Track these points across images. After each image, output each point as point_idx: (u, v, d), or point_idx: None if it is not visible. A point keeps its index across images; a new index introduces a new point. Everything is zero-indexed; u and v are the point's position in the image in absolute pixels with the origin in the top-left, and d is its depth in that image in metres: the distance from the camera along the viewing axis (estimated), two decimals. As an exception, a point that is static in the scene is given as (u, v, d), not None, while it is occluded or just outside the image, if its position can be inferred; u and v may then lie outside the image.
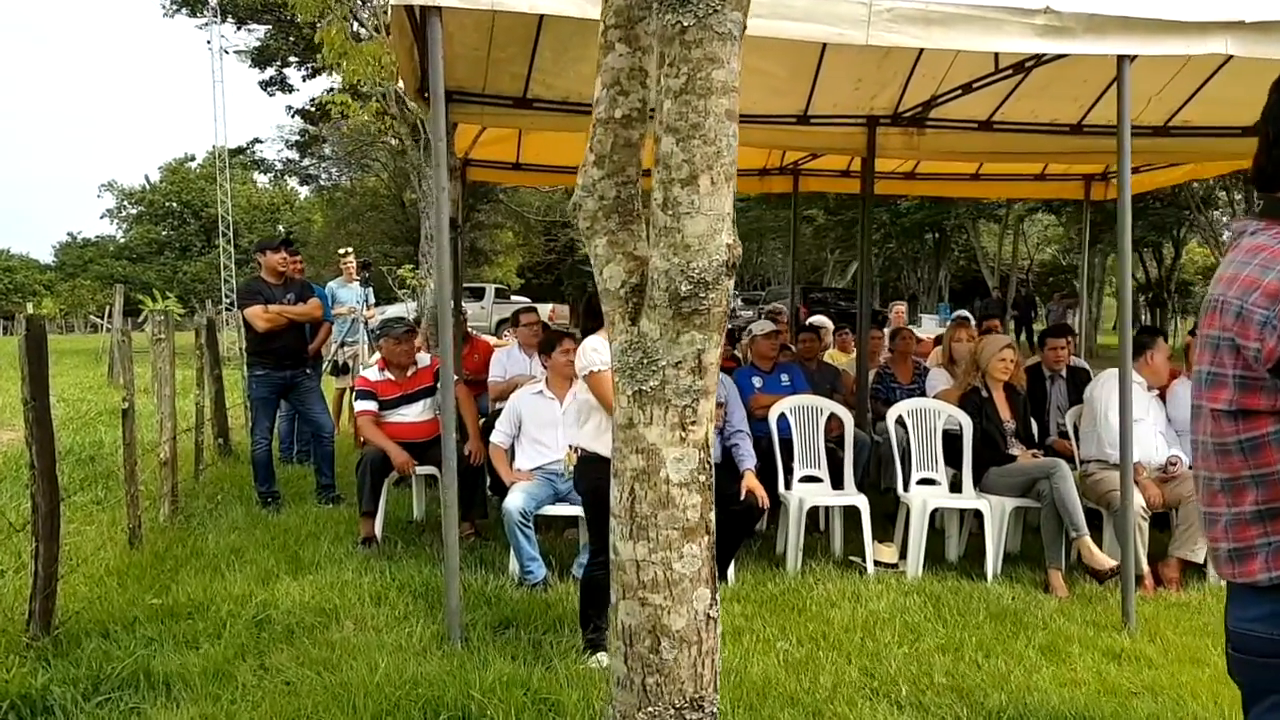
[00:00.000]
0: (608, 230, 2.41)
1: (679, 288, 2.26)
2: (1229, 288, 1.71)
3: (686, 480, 2.35)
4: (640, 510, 2.36)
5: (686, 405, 2.34)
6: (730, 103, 2.22)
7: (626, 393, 2.38)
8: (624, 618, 2.42)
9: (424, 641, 4.41)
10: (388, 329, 6.53)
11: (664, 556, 2.33)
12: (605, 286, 2.45)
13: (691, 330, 2.30)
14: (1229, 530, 1.74)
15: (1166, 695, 4.01)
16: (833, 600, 5.19)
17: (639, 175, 2.48)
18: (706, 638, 2.38)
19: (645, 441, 2.36)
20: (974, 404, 6.12)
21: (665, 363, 2.33)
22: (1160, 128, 7.53)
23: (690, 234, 2.24)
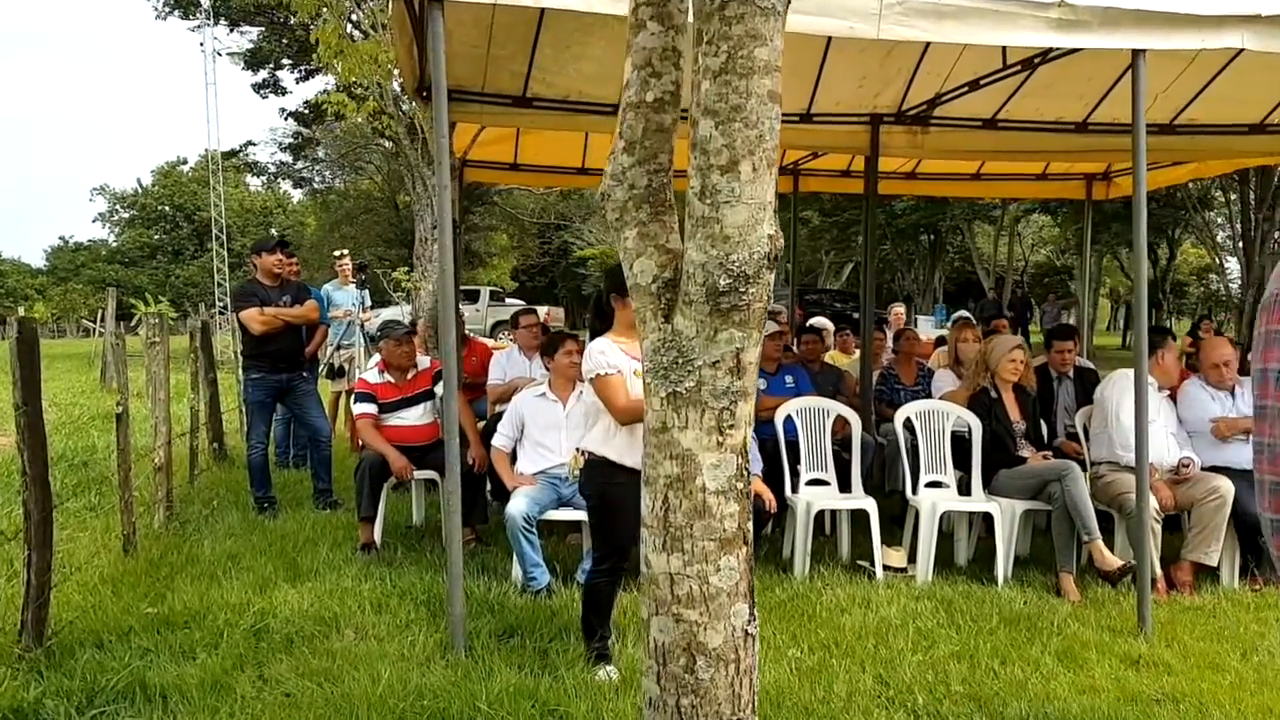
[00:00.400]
0: (638, 221, 2.28)
1: (717, 282, 2.13)
2: None
3: (724, 488, 2.22)
4: (674, 520, 2.23)
5: (724, 408, 2.21)
6: (773, 83, 2.10)
7: (660, 395, 2.25)
8: (656, 635, 2.29)
9: (427, 651, 4.30)
10: (388, 330, 6.43)
11: (700, 569, 2.20)
12: (635, 282, 2.32)
13: (730, 328, 2.18)
14: None
15: (1188, 702, 3.92)
16: (843, 606, 5.09)
17: (671, 163, 2.36)
18: (745, 656, 2.25)
19: (680, 447, 2.23)
20: (983, 405, 6.03)
21: (701, 362, 2.20)
22: (1166, 125, 7.46)
23: (730, 224, 2.12)
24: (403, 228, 35.15)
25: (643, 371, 2.33)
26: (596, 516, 4.11)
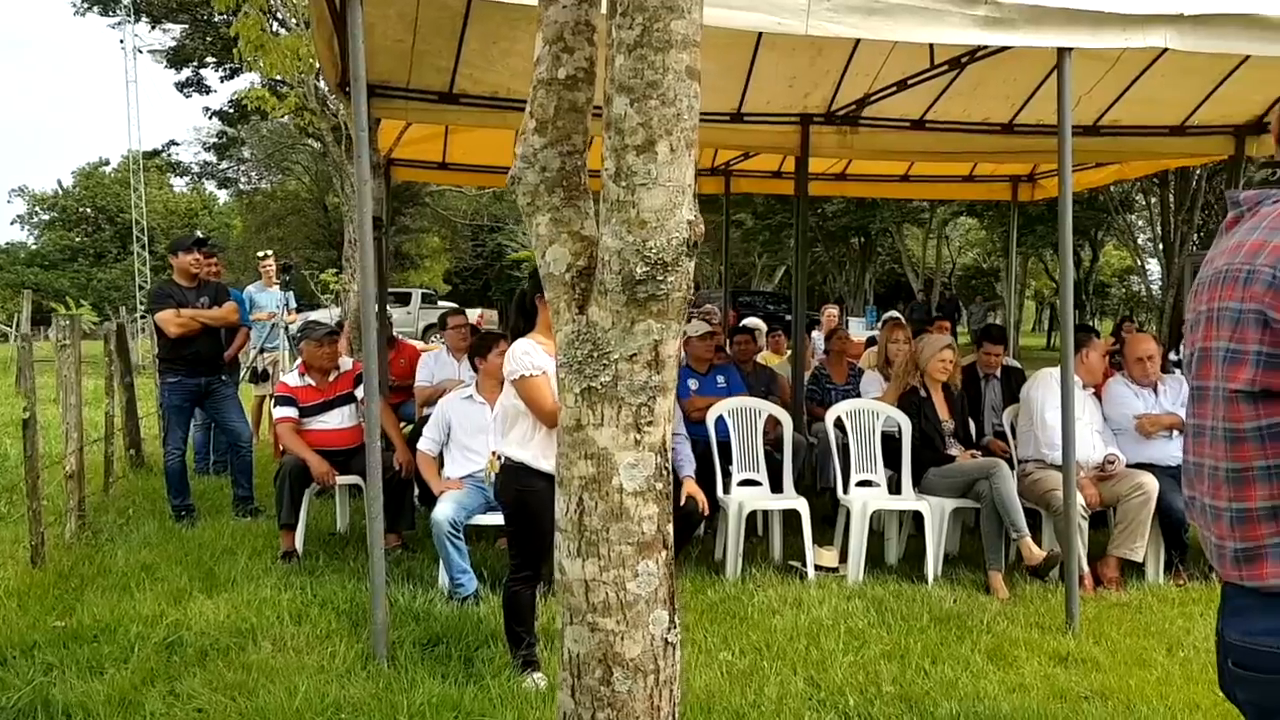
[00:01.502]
0: (551, 206, 2.15)
1: (634, 270, 2.01)
2: (1256, 256, 1.54)
3: (642, 488, 2.11)
4: (589, 524, 2.10)
5: (642, 404, 2.09)
6: (691, 59, 1.98)
7: (574, 391, 2.13)
8: (571, 645, 2.15)
9: (348, 662, 4.16)
10: (308, 331, 6.25)
11: (616, 575, 2.07)
12: (549, 271, 2.19)
13: (648, 318, 2.06)
14: (1235, 528, 1.58)
15: (1116, 699, 3.93)
16: (774, 607, 5.05)
17: (586, 144, 2.23)
18: (665, 665, 2.13)
19: (595, 445, 2.11)
20: (913, 404, 6.04)
21: (618, 356, 2.08)
22: (1090, 127, 7.56)
23: (646, 208, 2.00)
24: (331, 229, 34.63)
25: (557, 366, 2.20)
26: (513, 522, 4.00)
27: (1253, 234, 1.57)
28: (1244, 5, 4.50)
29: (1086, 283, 35.04)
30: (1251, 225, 1.60)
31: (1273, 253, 1.51)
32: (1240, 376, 1.54)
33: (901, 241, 36.96)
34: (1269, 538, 1.54)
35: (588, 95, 2.16)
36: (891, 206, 30.47)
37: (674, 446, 5.42)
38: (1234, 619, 1.61)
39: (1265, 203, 1.61)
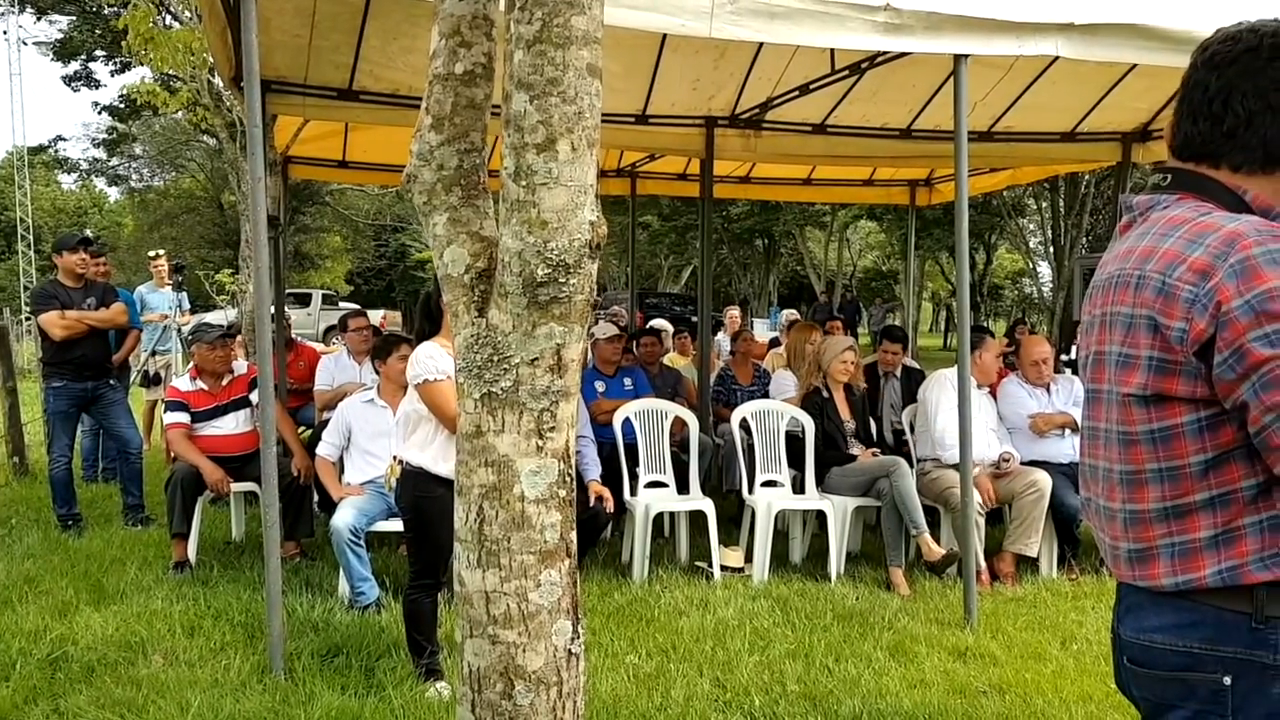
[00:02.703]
0: (448, 206, 2.07)
1: (534, 272, 1.95)
2: (1146, 261, 1.57)
3: (544, 496, 2.05)
4: (490, 533, 2.03)
5: (544, 409, 2.03)
6: (593, 56, 1.94)
7: (473, 396, 2.05)
8: (471, 659, 2.08)
9: (242, 675, 4.03)
10: (200, 334, 6.04)
11: (518, 586, 2.01)
12: (446, 272, 2.11)
13: (549, 321, 2.00)
14: (1129, 529, 1.61)
15: (1013, 693, 4.02)
16: (681, 609, 5.05)
17: (484, 142, 2.16)
18: (568, 677, 2.08)
19: (495, 453, 2.04)
20: (815, 405, 6.11)
21: (519, 360, 2.01)
22: (985, 133, 7.76)
23: (547, 208, 1.94)
24: (227, 228, 33.69)
25: (455, 371, 2.13)
26: (412, 529, 3.92)
27: (1144, 240, 1.60)
28: (1130, 16, 4.65)
29: (981, 285, 36.02)
30: (1143, 231, 1.63)
31: (1162, 259, 1.54)
32: (1132, 381, 1.57)
33: (804, 244, 37.51)
34: (1161, 539, 1.57)
35: (486, 92, 2.09)
36: (794, 209, 30.89)
37: (579, 450, 5.42)
38: (1128, 617, 1.64)
39: (1156, 208, 1.64)
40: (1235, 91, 1.58)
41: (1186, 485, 1.53)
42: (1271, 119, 1.57)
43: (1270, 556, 1.48)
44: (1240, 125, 1.58)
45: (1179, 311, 1.49)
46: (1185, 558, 1.54)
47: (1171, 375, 1.52)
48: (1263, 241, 1.45)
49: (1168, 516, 1.56)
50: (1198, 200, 1.60)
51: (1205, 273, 1.47)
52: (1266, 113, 1.56)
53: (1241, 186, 1.59)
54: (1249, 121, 1.58)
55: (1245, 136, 1.58)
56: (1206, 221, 1.53)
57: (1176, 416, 1.53)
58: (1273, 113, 1.56)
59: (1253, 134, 1.58)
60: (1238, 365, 1.43)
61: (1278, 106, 1.56)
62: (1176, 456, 1.54)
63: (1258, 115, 1.57)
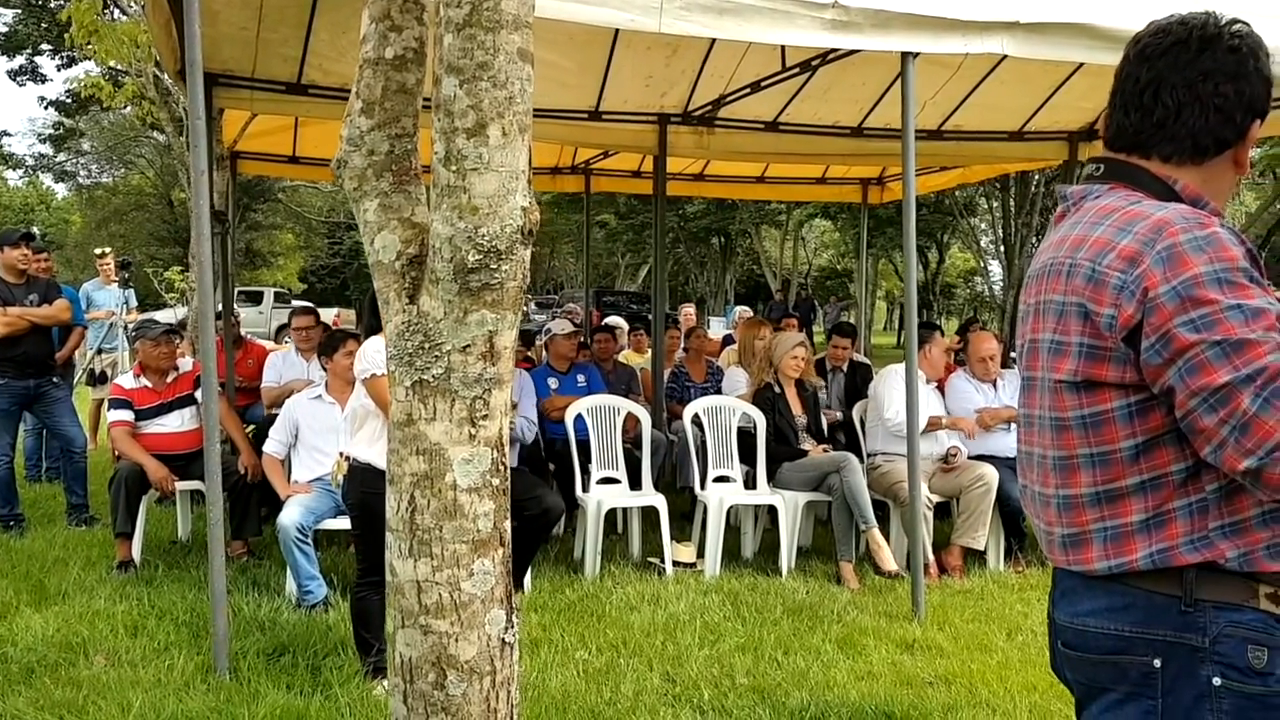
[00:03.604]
0: (379, 192, 2.04)
1: (466, 258, 1.92)
2: (1077, 250, 1.59)
3: (477, 485, 2.01)
4: (421, 522, 2.00)
5: (476, 397, 2.00)
6: (523, 40, 1.92)
7: (405, 384, 2.02)
8: (403, 649, 2.05)
9: (186, 675, 3.97)
10: (144, 330, 5.94)
11: (450, 575, 1.98)
12: (377, 259, 2.08)
13: (481, 308, 1.97)
14: (1063, 514, 1.63)
15: (959, 683, 4.07)
16: (632, 604, 5.05)
17: (416, 127, 2.13)
18: (501, 666, 2.05)
19: (427, 441, 2.01)
20: (767, 400, 6.14)
21: (450, 347, 1.98)
22: (935, 131, 7.84)
23: (478, 194, 1.91)
24: (177, 225, 33.20)
25: (387, 359, 2.11)
26: (359, 526, 3.88)
27: (1075, 229, 1.63)
28: (1077, 16, 4.71)
29: (933, 284, 36.41)
30: (1075, 220, 1.66)
31: (1093, 247, 1.56)
32: (1063, 367, 1.59)
33: (760, 243, 37.67)
34: (1093, 523, 1.59)
35: (418, 76, 2.07)
36: (750, 208, 31.01)
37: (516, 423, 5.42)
38: (1063, 601, 1.67)
39: (1089, 197, 1.67)
40: (1164, 84, 1.61)
41: (1118, 470, 1.56)
42: (1199, 110, 1.60)
43: (1199, 539, 1.51)
44: (1169, 117, 1.61)
45: (1108, 298, 1.52)
46: (1117, 541, 1.56)
47: (1101, 361, 1.54)
48: (1189, 229, 1.48)
49: (1100, 501, 1.58)
50: (1129, 190, 1.63)
51: (1133, 259, 1.50)
52: (1194, 104, 1.60)
53: (1172, 176, 1.62)
54: (1177, 113, 1.61)
55: (1174, 128, 1.61)
56: (1136, 210, 1.56)
57: (1107, 402, 1.55)
58: (1200, 104, 1.60)
59: (1180, 125, 1.61)
60: (1164, 350, 1.46)
61: (1205, 98, 1.59)
62: (1107, 441, 1.56)
63: (1186, 107, 1.60)
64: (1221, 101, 1.59)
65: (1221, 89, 1.59)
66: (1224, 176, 1.64)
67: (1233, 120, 1.60)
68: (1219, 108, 1.59)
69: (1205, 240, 1.47)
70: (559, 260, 48.03)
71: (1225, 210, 1.70)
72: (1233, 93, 1.59)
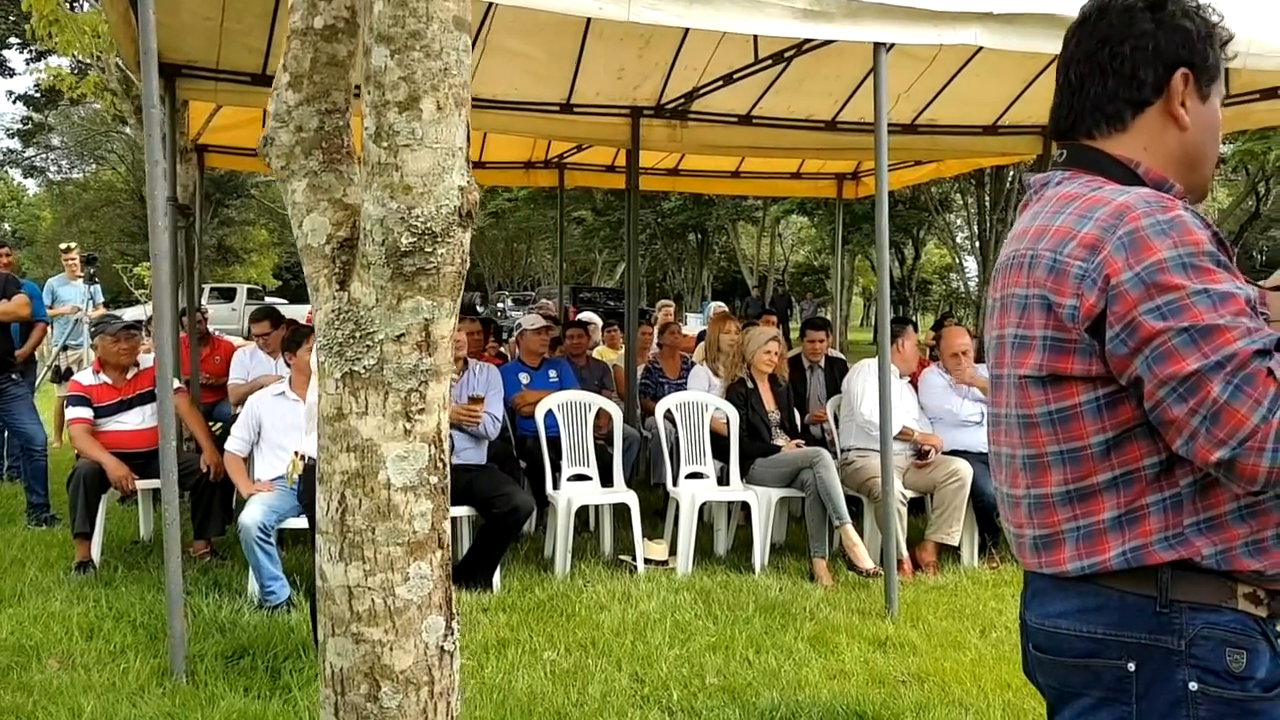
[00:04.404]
0: (308, 170, 1.92)
1: (398, 240, 1.79)
2: (1039, 240, 1.53)
3: (413, 483, 1.90)
4: (353, 523, 1.88)
5: (411, 389, 1.88)
6: (459, 8, 1.81)
7: (334, 376, 1.90)
8: (334, 659, 1.92)
9: (141, 679, 3.86)
10: (103, 325, 5.81)
11: (384, 580, 1.86)
12: (307, 243, 1.96)
13: (416, 295, 1.85)
14: (1033, 514, 1.56)
15: (932, 681, 4.01)
16: (602, 603, 4.97)
17: (349, 102, 2.01)
18: (440, 676, 1.93)
19: (359, 436, 1.89)
20: (740, 395, 6.07)
21: (383, 336, 1.86)
22: (909, 125, 7.80)
23: (411, 172, 1.78)
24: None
25: (316, 349, 2.00)
26: None
27: (1037, 219, 1.57)
28: (1050, 6, 4.67)
29: (910, 280, 36.46)
30: (1037, 210, 1.60)
31: (1053, 237, 1.50)
32: (1028, 362, 1.53)
33: (736, 239, 37.65)
34: (1065, 523, 1.52)
35: (349, 48, 1.96)
36: (727, 204, 30.99)
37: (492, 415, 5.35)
38: (1034, 602, 1.59)
39: (1050, 185, 1.61)
40: (1072, 61, 1.60)
41: (1088, 467, 1.48)
42: (1099, 78, 1.56)
43: (1174, 536, 1.44)
44: (1075, 91, 1.59)
45: (1069, 288, 1.45)
46: (1089, 541, 1.49)
47: (1066, 354, 1.48)
48: (1151, 213, 1.41)
49: (1071, 500, 1.51)
50: (1090, 175, 1.57)
51: (1094, 247, 1.43)
52: (1095, 73, 1.57)
53: (1132, 159, 1.56)
54: (1080, 86, 1.58)
55: (1082, 101, 1.58)
56: (1096, 196, 1.50)
57: (1074, 396, 1.48)
58: (1100, 71, 1.56)
59: (1085, 98, 1.58)
60: (1129, 339, 1.39)
61: (1103, 63, 1.56)
62: (1076, 438, 1.49)
63: (1088, 78, 1.57)
64: (1119, 64, 1.55)
65: (1117, 50, 1.55)
66: (1162, 139, 1.57)
67: (1135, 78, 1.55)
68: (1116, 70, 1.55)
69: (1168, 224, 1.40)
70: (536, 257, 47.88)
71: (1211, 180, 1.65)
72: (1129, 50, 1.54)
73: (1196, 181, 1.61)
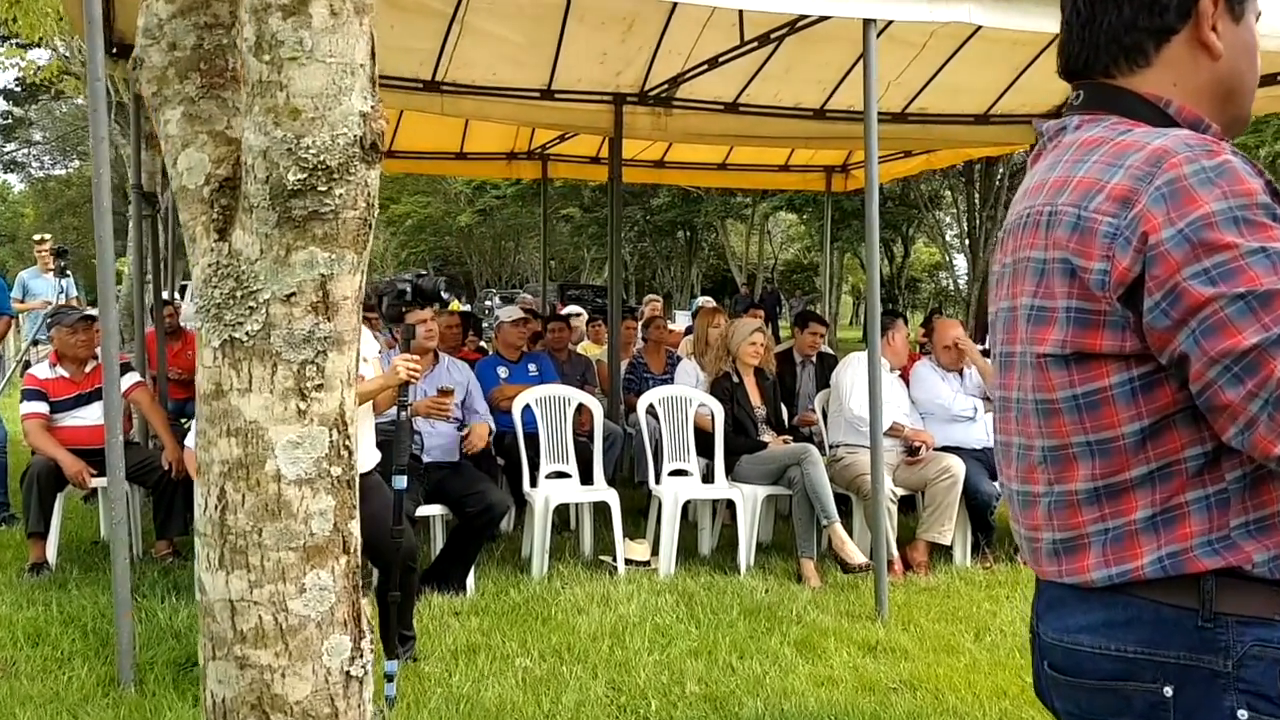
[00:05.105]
0: (184, 97, 1.61)
1: (285, 177, 1.49)
2: (1059, 194, 1.29)
3: (308, 475, 1.59)
4: (235, 524, 1.57)
5: (306, 361, 1.58)
6: None
7: (212, 344, 1.59)
8: (215, 687, 1.62)
9: (86, 689, 3.64)
10: (59, 317, 5.57)
11: (273, 592, 1.55)
12: (182, 184, 1.65)
13: (309, 245, 1.54)
14: (1053, 515, 1.33)
15: (925, 689, 3.81)
16: (580, 606, 4.76)
17: (234, 16, 1.68)
18: (347, 708, 1.63)
19: (241, 418, 1.59)
20: (725, 390, 5.86)
21: (269, 296, 1.55)
22: (899, 114, 7.61)
23: (300, 92, 1.47)
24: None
25: (194, 312, 1.71)
26: None
27: (1054, 170, 1.34)
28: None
29: (899, 277, 36.36)
30: (1053, 159, 1.37)
31: (1077, 189, 1.27)
32: (1048, 338, 1.30)
33: (725, 237, 37.47)
34: (1091, 525, 1.29)
35: None
36: (715, 201, 30.81)
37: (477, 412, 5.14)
38: (1049, 614, 1.36)
39: (1068, 130, 1.39)
40: None
41: (1121, 460, 1.26)
42: (1113, 5, 1.35)
43: (1219, 539, 1.21)
44: (1086, 23, 1.38)
45: (1098, 250, 1.23)
46: (1119, 545, 1.27)
47: (1094, 328, 1.25)
48: (1195, 158, 1.19)
49: (1099, 498, 1.28)
50: (1116, 117, 1.34)
51: (1127, 200, 1.20)
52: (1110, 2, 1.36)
53: (1160, 96, 1.34)
54: (1091, 16, 1.37)
55: (1094, 34, 1.37)
56: (1127, 140, 1.27)
57: (1104, 378, 1.26)
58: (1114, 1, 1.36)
59: (1098, 30, 1.37)
60: (1172, 309, 1.17)
61: None
62: (1107, 426, 1.26)
63: (1099, 6, 1.37)
64: None
65: None
66: (1193, 71, 1.35)
67: (1156, 3, 1.33)
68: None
69: (1215, 171, 1.17)
70: (524, 255, 47.61)
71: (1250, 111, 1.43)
72: None
73: (1235, 115, 1.39)
